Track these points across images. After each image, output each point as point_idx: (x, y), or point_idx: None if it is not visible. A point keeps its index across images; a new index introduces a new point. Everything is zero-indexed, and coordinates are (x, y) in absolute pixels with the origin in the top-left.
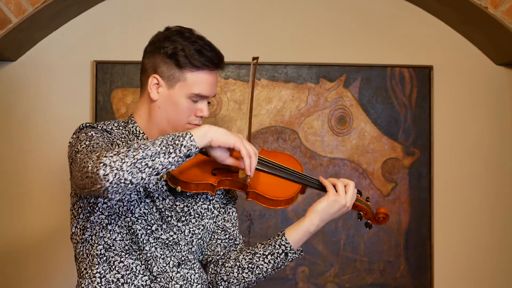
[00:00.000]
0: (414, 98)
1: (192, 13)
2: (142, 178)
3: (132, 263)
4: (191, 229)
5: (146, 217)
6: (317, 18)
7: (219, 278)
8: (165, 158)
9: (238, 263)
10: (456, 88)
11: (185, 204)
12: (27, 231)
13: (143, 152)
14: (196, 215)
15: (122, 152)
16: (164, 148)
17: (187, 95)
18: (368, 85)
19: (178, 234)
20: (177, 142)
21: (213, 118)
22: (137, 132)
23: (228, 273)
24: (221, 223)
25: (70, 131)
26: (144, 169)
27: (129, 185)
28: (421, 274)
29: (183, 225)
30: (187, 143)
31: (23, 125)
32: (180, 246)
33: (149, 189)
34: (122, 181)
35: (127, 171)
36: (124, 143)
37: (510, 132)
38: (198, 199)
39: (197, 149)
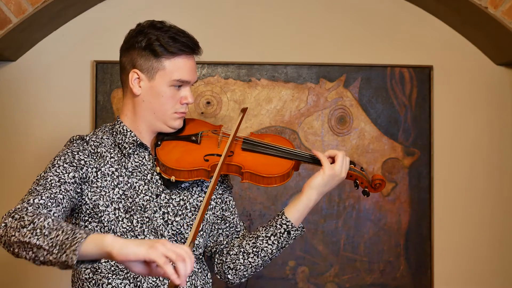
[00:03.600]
0: (414, 98)
1: (192, 13)
2: (25, 257)
3: (120, 283)
4: (188, 223)
5: (126, 235)
6: (317, 18)
7: (226, 266)
8: (47, 254)
9: (242, 249)
10: (456, 88)
11: (181, 197)
12: None
13: (32, 237)
14: (192, 208)
15: (24, 220)
16: (50, 246)
17: (169, 83)
18: (368, 85)
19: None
20: (63, 246)
21: (213, 118)
22: (124, 131)
23: (234, 261)
24: (220, 213)
25: (70, 131)
26: (28, 252)
27: (17, 254)
28: (421, 274)
29: (181, 219)
30: (69, 254)
31: (23, 125)
32: None
33: (137, 200)
34: (10, 250)
35: (14, 244)
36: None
37: (510, 132)
38: (193, 192)
39: (76, 266)
